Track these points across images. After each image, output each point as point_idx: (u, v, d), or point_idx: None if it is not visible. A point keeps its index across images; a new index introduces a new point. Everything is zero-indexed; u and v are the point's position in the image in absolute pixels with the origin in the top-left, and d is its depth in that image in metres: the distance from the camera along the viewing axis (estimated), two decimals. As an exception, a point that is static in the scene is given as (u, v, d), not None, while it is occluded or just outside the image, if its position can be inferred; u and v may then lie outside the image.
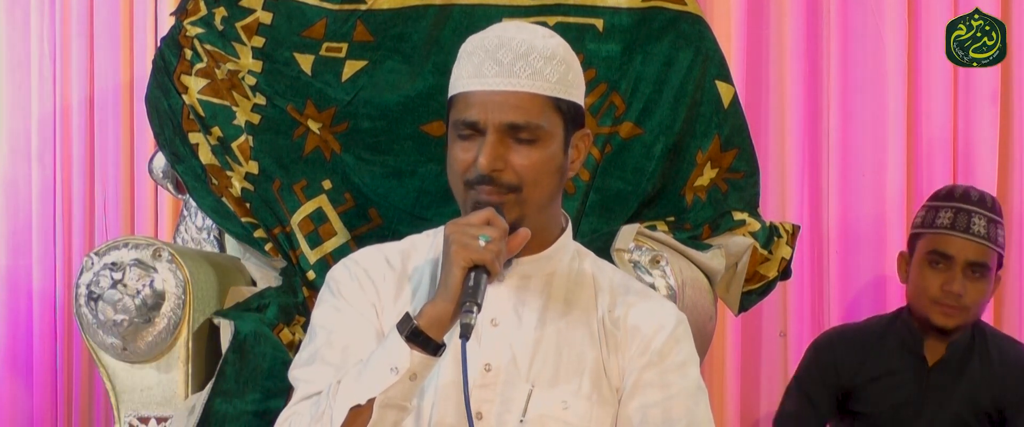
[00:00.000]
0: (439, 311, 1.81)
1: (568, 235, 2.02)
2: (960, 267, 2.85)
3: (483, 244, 1.80)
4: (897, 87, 3.34)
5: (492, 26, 1.97)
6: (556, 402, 1.93)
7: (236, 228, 2.67)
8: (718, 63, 2.71)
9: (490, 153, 1.87)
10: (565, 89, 1.92)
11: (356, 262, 2.02)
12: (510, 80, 1.89)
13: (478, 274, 1.80)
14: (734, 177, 2.67)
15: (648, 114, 2.64)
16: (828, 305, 3.35)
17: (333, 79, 2.73)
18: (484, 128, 1.88)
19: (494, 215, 1.85)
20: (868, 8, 3.36)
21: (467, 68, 1.92)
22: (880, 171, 3.31)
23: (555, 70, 1.91)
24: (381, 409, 1.80)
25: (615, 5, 2.70)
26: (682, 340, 1.98)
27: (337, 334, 1.94)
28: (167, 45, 2.76)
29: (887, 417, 2.92)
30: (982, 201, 2.90)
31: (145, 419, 2.48)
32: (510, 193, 1.89)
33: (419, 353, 1.80)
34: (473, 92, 1.90)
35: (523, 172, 1.89)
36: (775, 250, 2.65)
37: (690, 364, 1.97)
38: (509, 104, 1.88)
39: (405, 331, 1.80)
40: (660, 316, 1.98)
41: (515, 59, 1.89)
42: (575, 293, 1.99)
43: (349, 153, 2.69)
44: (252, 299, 2.54)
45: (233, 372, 2.33)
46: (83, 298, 2.43)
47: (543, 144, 1.90)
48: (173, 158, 2.70)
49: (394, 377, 1.79)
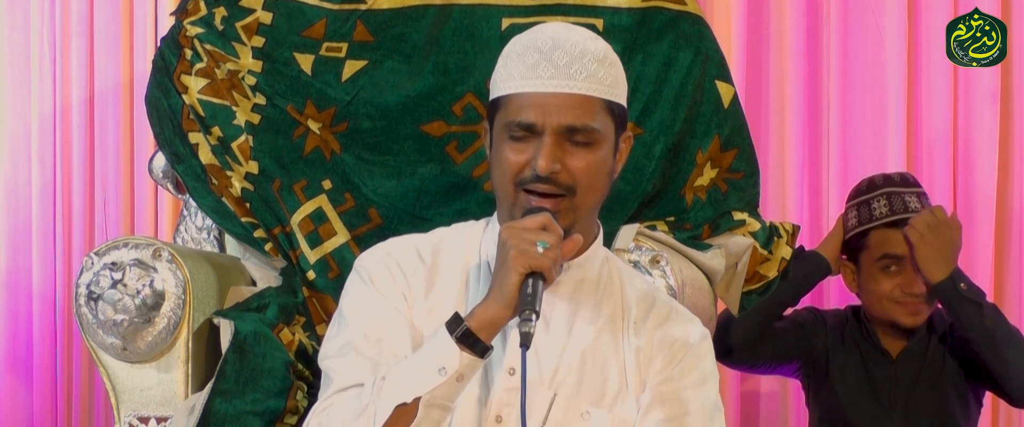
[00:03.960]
0: (492, 314, 1.80)
1: (600, 241, 2.01)
2: (913, 264, 2.85)
3: (541, 250, 1.79)
4: (897, 87, 3.34)
5: (538, 27, 1.96)
6: (577, 411, 1.92)
7: (236, 228, 2.67)
8: (718, 63, 2.71)
9: (549, 155, 1.86)
10: (616, 92, 1.93)
11: (388, 253, 2.01)
12: (568, 82, 1.87)
13: (536, 281, 1.79)
14: (734, 177, 2.67)
15: (648, 114, 2.64)
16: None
17: (333, 79, 2.72)
18: (541, 130, 1.87)
19: (550, 220, 1.83)
20: (868, 8, 3.36)
21: (519, 69, 1.90)
22: (880, 171, 3.30)
23: (608, 73, 1.91)
24: (426, 408, 1.79)
25: (615, 5, 2.70)
26: (704, 357, 1.97)
27: (372, 326, 1.92)
28: (167, 45, 2.76)
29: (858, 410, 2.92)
30: (905, 180, 2.91)
31: (145, 419, 2.48)
32: (564, 197, 1.87)
33: (468, 354, 1.79)
34: (529, 94, 1.88)
35: (578, 175, 1.88)
36: (775, 250, 2.65)
37: (710, 381, 1.97)
38: (567, 106, 1.87)
39: (457, 332, 1.79)
40: (685, 331, 1.98)
41: (571, 61, 1.88)
42: (603, 301, 1.98)
43: (349, 153, 2.69)
44: (252, 299, 2.54)
45: (233, 372, 2.33)
46: (83, 298, 2.43)
47: (597, 147, 1.90)
48: (173, 158, 2.70)
49: (442, 377, 1.78)
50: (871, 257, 2.89)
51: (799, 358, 2.98)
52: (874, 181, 2.94)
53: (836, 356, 2.94)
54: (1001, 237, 3.36)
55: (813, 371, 2.98)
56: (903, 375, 2.90)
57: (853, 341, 2.94)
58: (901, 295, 2.87)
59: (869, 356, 2.92)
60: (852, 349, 2.94)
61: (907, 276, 2.86)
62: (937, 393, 2.89)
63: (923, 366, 2.90)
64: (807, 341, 2.96)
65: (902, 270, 2.86)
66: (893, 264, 2.86)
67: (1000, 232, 3.36)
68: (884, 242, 2.86)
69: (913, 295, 2.86)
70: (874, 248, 2.88)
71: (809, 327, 2.97)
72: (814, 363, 2.96)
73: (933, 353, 2.90)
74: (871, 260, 2.89)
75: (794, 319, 2.99)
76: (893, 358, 2.92)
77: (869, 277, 2.90)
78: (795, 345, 2.96)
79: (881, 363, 2.92)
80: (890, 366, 2.91)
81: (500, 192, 1.93)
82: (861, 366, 2.92)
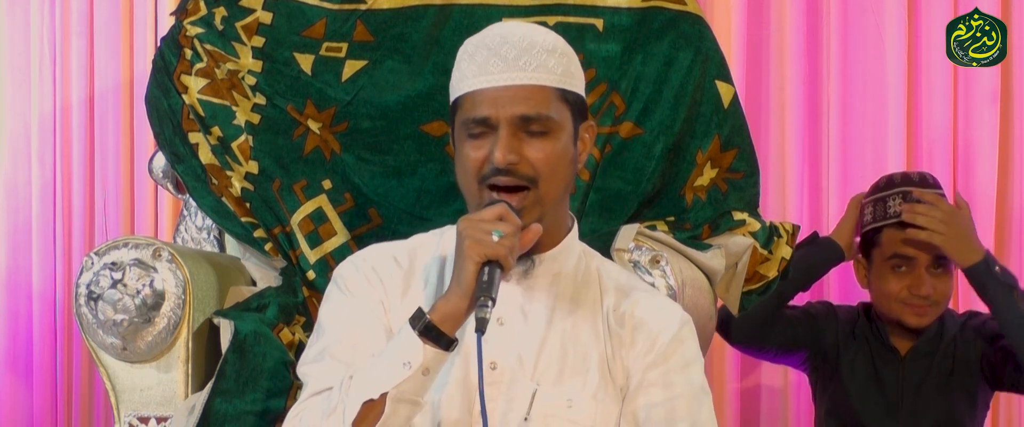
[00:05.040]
0: (452, 306, 1.82)
1: (575, 234, 2.03)
2: (924, 266, 2.85)
3: (496, 239, 1.81)
4: (897, 87, 3.34)
5: (489, 27, 1.98)
6: (561, 400, 1.93)
7: (236, 228, 2.67)
8: (718, 63, 2.71)
9: (505, 146, 1.88)
10: (570, 80, 1.94)
11: (364, 259, 2.03)
12: (518, 74, 1.90)
13: (492, 269, 1.81)
14: (734, 177, 2.67)
15: (648, 114, 2.64)
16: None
17: (333, 79, 2.72)
18: (496, 123, 1.89)
19: (507, 210, 1.85)
20: (868, 8, 3.36)
21: (471, 68, 1.93)
22: (880, 171, 3.30)
23: (558, 62, 1.93)
24: (393, 403, 1.80)
25: (615, 5, 2.70)
26: (687, 340, 1.98)
27: (346, 331, 1.95)
28: (167, 45, 2.76)
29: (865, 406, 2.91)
30: (924, 180, 2.91)
31: (145, 419, 2.48)
32: (528, 191, 1.89)
33: (432, 348, 1.80)
34: (481, 90, 1.91)
35: (538, 164, 1.90)
36: (775, 250, 2.65)
37: (694, 365, 1.98)
38: (519, 97, 1.89)
39: (418, 326, 1.81)
40: (666, 316, 1.99)
41: (519, 54, 1.90)
42: (582, 292, 2.00)
43: (349, 153, 2.69)
44: (252, 299, 2.54)
45: (233, 372, 2.33)
46: (83, 298, 2.43)
47: (554, 135, 1.92)
48: (173, 158, 2.70)
49: (407, 372, 1.80)
50: (883, 255, 2.88)
51: (807, 348, 2.97)
52: (893, 179, 2.94)
53: (846, 351, 2.94)
54: (1001, 237, 3.36)
55: (822, 364, 2.98)
56: (911, 374, 2.90)
57: (863, 337, 2.94)
58: (909, 296, 2.86)
59: (878, 353, 2.92)
60: (862, 345, 2.94)
61: (916, 278, 2.85)
62: (944, 393, 2.89)
63: (932, 366, 2.90)
64: (817, 332, 2.96)
65: (912, 271, 2.86)
66: (904, 264, 2.86)
67: (1000, 232, 3.36)
68: (896, 241, 2.86)
69: (920, 297, 2.85)
70: (886, 246, 2.88)
71: (821, 319, 2.97)
72: (824, 356, 2.96)
73: (943, 354, 2.90)
74: (882, 258, 2.88)
75: (807, 310, 2.99)
76: (902, 356, 2.91)
77: (879, 275, 2.90)
78: (804, 334, 2.96)
79: (890, 361, 2.91)
80: (898, 364, 2.91)
81: (466, 192, 1.95)
82: (870, 363, 2.92)
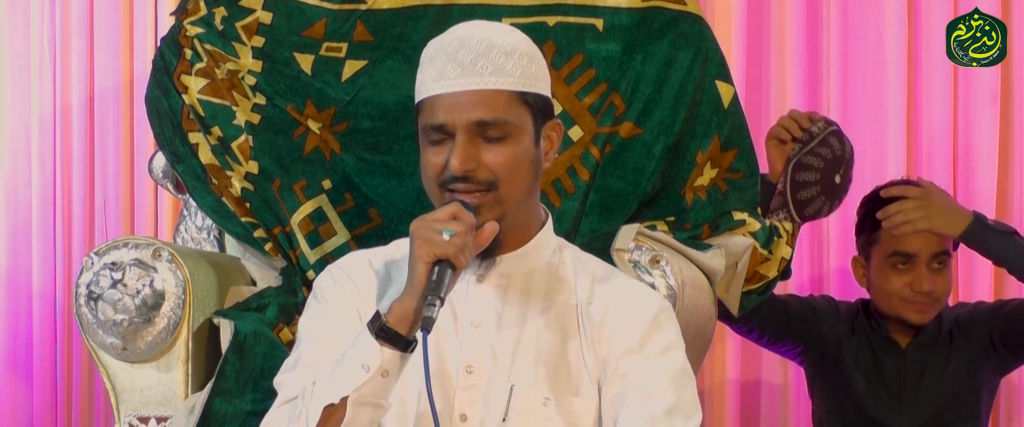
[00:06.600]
0: (405, 307, 1.82)
1: (548, 230, 2.02)
2: (924, 262, 2.85)
3: (447, 238, 1.81)
4: (897, 87, 3.34)
5: (452, 28, 1.98)
6: (537, 399, 1.93)
7: (236, 228, 2.67)
8: (718, 63, 2.71)
9: (461, 154, 1.88)
10: (530, 82, 1.93)
11: (340, 268, 2.05)
12: (474, 79, 1.89)
13: (442, 268, 1.81)
14: (734, 177, 2.67)
15: (648, 114, 2.64)
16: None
17: (333, 79, 2.73)
18: (453, 130, 1.89)
19: (460, 209, 1.85)
20: (868, 8, 3.36)
21: (430, 72, 1.92)
22: (880, 171, 3.31)
23: (517, 65, 1.92)
24: (355, 407, 1.81)
25: (615, 5, 2.70)
26: (664, 325, 1.97)
27: (321, 340, 1.96)
28: (167, 45, 2.76)
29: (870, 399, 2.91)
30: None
31: (145, 419, 2.48)
32: (487, 192, 1.90)
33: (389, 349, 1.81)
34: (438, 95, 1.91)
35: (497, 169, 1.90)
36: (775, 250, 2.65)
37: (674, 348, 1.97)
38: (475, 103, 1.89)
39: (374, 328, 1.81)
40: (641, 304, 1.99)
41: (476, 58, 1.90)
42: (555, 288, 2.00)
43: (349, 153, 2.69)
44: (252, 299, 2.54)
45: (233, 372, 2.34)
46: (83, 298, 2.43)
47: (514, 140, 1.91)
48: (173, 158, 2.71)
49: (366, 374, 1.80)
50: (882, 252, 2.88)
51: (803, 341, 2.97)
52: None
53: (849, 345, 2.94)
54: (1001, 237, 3.36)
55: (820, 359, 2.97)
56: (913, 365, 2.90)
57: (863, 332, 2.95)
58: (911, 294, 2.87)
59: (879, 346, 2.93)
60: (862, 339, 2.94)
61: (917, 274, 2.86)
62: (948, 383, 2.89)
63: (933, 356, 2.90)
64: (816, 326, 2.95)
65: (912, 268, 2.86)
66: (904, 261, 2.86)
67: (1000, 232, 3.36)
68: (896, 239, 2.86)
69: (922, 293, 2.86)
70: (886, 243, 2.88)
71: (822, 313, 2.97)
72: (823, 351, 2.96)
73: (943, 344, 2.91)
74: (882, 256, 2.88)
75: (809, 302, 2.99)
76: (903, 348, 2.92)
77: (879, 273, 2.90)
78: (802, 326, 2.95)
79: (891, 353, 2.92)
80: (900, 356, 2.92)
81: (430, 196, 1.96)
82: (871, 356, 2.93)
